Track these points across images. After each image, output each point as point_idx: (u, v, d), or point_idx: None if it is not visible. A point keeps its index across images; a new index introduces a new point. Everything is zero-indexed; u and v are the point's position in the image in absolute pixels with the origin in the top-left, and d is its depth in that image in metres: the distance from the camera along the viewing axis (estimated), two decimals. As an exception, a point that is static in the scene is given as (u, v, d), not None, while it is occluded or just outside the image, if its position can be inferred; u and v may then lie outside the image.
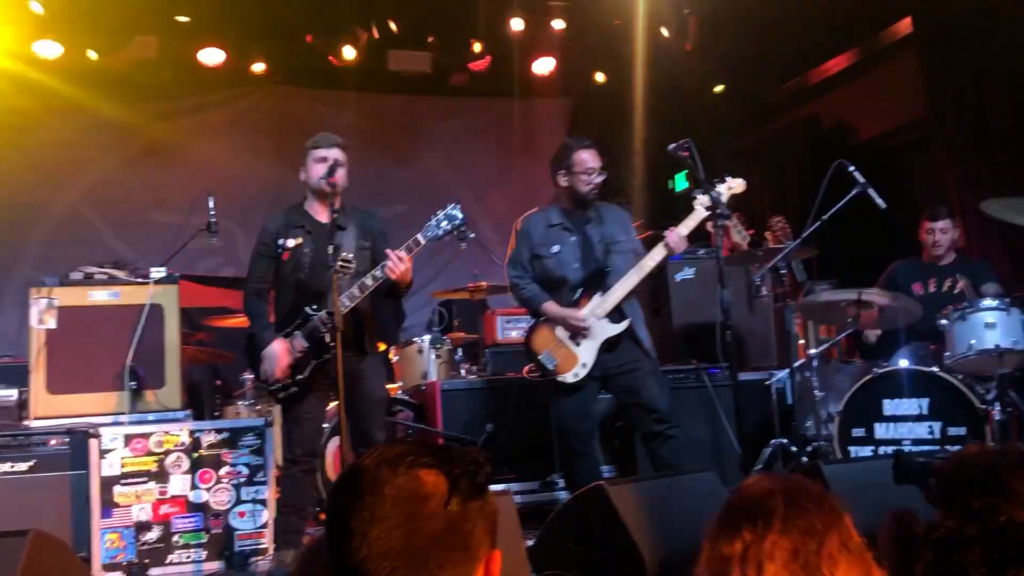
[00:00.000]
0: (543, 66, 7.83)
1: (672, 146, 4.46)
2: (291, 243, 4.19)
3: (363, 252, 4.24)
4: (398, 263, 4.02)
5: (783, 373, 5.47)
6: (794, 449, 5.12)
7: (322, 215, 4.24)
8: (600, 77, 7.76)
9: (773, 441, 5.18)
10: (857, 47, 7.74)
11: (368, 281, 4.06)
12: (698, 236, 4.82)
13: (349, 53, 7.02)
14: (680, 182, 8.73)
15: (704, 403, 5.37)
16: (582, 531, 3.17)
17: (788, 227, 6.08)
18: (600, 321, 4.44)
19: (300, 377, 4.17)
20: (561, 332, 4.47)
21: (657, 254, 4.45)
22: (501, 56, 7.50)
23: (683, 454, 4.47)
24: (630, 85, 8.18)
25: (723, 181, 4.53)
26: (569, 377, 4.42)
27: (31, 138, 7.66)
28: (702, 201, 4.44)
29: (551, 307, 4.49)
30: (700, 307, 5.83)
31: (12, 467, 4.34)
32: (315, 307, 4.11)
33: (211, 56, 7.09)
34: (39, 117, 7.68)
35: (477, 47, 7.17)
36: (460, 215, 4.15)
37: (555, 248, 4.54)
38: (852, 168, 4.89)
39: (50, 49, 6.77)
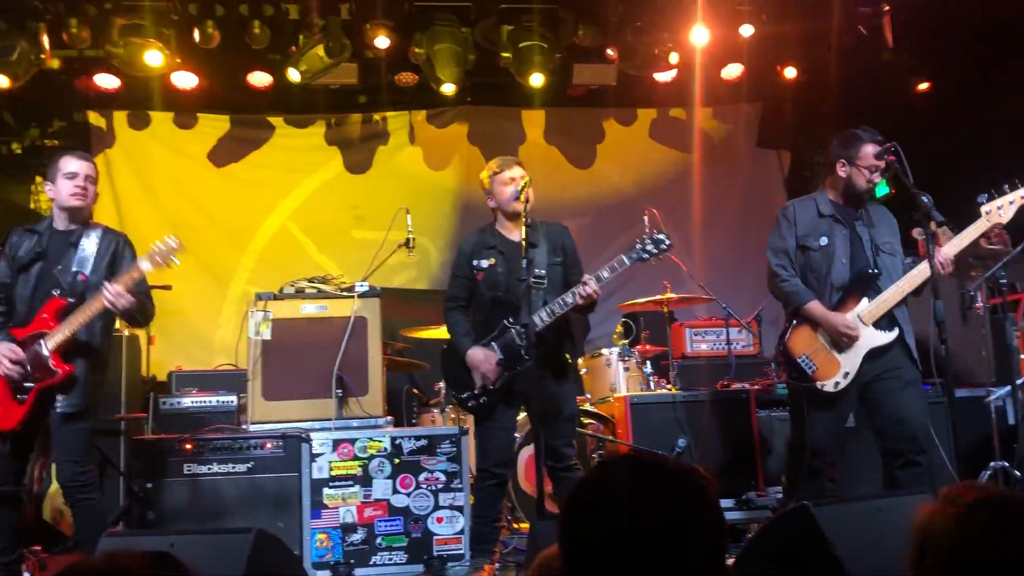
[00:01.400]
0: (731, 71, 7.64)
1: (877, 150, 4.21)
2: (485, 264, 4.32)
3: (555, 267, 4.30)
4: (591, 294, 4.09)
5: (1003, 390, 5.05)
6: (1017, 473, 4.71)
7: (514, 233, 4.33)
8: (790, 73, 7.46)
9: (992, 464, 4.79)
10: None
11: (556, 308, 4.14)
12: (905, 244, 4.53)
13: (537, 78, 7.12)
14: (880, 187, 8.25)
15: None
16: (785, 551, 3.04)
17: (1005, 234, 5.60)
18: (866, 328, 4.11)
19: (491, 388, 4.26)
20: (823, 336, 4.14)
21: (921, 272, 4.08)
22: (685, 64, 7.37)
23: (925, 482, 3.98)
24: (824, 84, 7.86)
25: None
26: (829, 385, 4.09)
27: (244, 164, 8.29)
28: (988, 210, 4.07)
29: (816, 308, 4.15)
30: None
31: (233, 468, 4.71)
32: (511, 320, 4.21)
33: (406, 79, 7.40)
34: (251, 146, 8.31)
35: (673, 57, 7.03)
36: (667, 241, 4.13)
37: (824, 240, 4.22)
38: (1082, 168, 4.44)
39: (260, 79, 7.29)
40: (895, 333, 4.12)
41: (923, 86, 7.58)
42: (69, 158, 4.24)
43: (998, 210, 4.09)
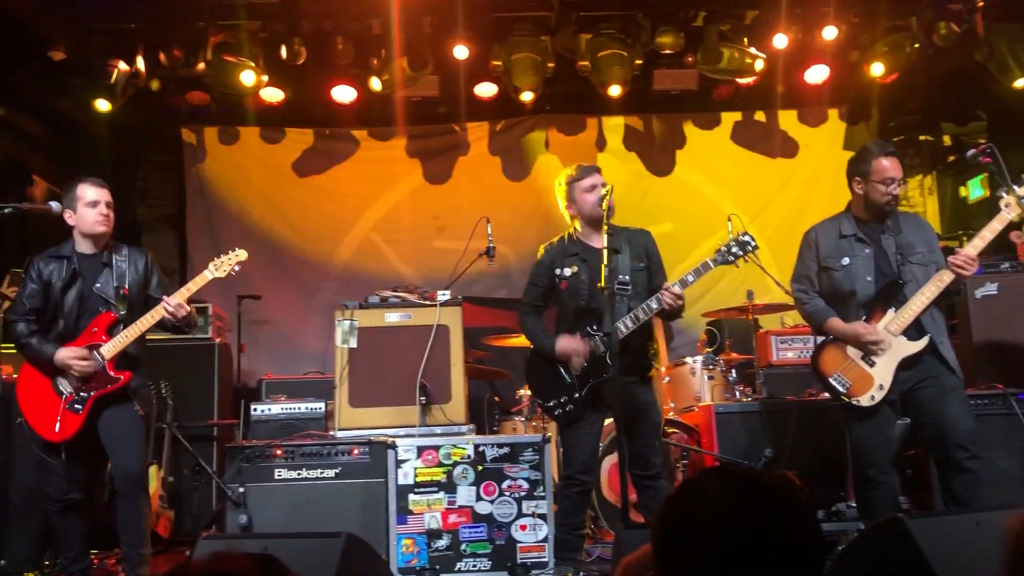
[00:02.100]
0: (815, 74, 7.46)
1: (971, 152, 4.09)
2: (568, 272, 4.30)
3: (639, 273, 4.28)
4: (674, 299, 4.06)
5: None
6: None
7: (595, 240, 4.30)
8: (878, 72, 7.24)
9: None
10: None
11: (641, 314, 4.12)
12: (1001, 247, 4.38)
13: (615, 89, 7.09)
14: (975, 189, 7.97)
15: (1013, 432, 4.86)
16: (877, 566, 2.96)
17: None
18: (896, 338, 4.10)
19: (577, 396, 4.25)
20: (852, 351, 4.16)
21: (945, 277, 4.08)
22: (769, 66, 7.22)
23: (982, 491, 3.97)
24: (914, 84, 7.63)
25: None
26: (864, 400, 4.10)
27: (329, 177, 8.49)
28: (1008, 203, 4.00)
29: (836, 324, 4.20)
30: (1005, 325, 5.32)
31: (321, 473, 4.81)
32: (595, 327, 4.19)
33: (485, 90, 7.47)
34: (336, 159, 8.51)
35: (759, 64, 6.91)
36: (752, 242, 4.10)
37: (845, 260, 4.24)
38: None
39: (344, 93, 7.45)
40: (924, 341, 4.09)
41: (1021, 83, 7.27)
42: (87, 186, 4.37)
43: (1018, 201, 4.00)
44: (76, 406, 4.21)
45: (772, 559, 1.21)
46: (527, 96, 7.31)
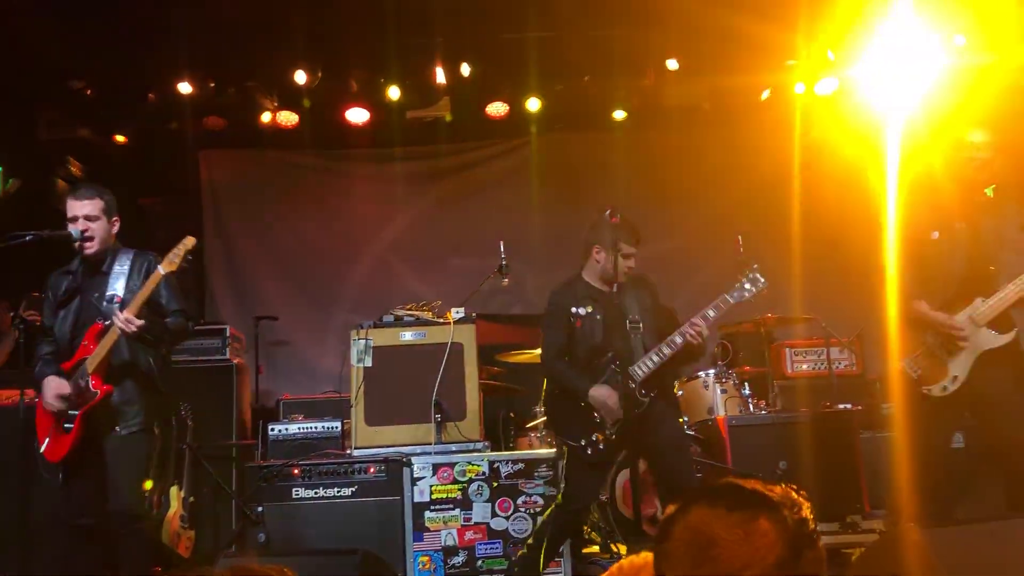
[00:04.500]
0: (825, 87, 7.49)
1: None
2: (583, 311, 4.31)
3: (646, 312, 4.31)
4: (697, 335, 4.10)
5: None
6: None
7: (603, 286, 4.38)
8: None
9: None
10: None
11: (666, 349, 4.16)
12: None
13: (619, 113, 7.14)
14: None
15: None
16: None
17: None
18: (980, 329, 3.89)
19: (609, 432, 4.15)
20: (931, 338, 3.96)
21: None
22: (781, 80, 7.24)
23: None
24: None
25: None
26: (935, 390, 3.91)
27: (344, 197, 8.58)
28: None
29: (921, 307, 3.97)
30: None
31: (338, 492, 4.87)
32: (617, 364, 4.16)
33: (496, 109, 7.55)
34: (350, 180, 8.60)
35: (764, 93, 6.94)
36: (762, 280, 4.17)
37: (935, 234, 4.02)
38: None
39: (357, 115, 7.54)
40: (1010, 336, 3.90)
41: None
42: (69, 200, 4.15)
43: None
44: (66, 424, 4.00)
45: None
46: (534, 104, 7.36)
